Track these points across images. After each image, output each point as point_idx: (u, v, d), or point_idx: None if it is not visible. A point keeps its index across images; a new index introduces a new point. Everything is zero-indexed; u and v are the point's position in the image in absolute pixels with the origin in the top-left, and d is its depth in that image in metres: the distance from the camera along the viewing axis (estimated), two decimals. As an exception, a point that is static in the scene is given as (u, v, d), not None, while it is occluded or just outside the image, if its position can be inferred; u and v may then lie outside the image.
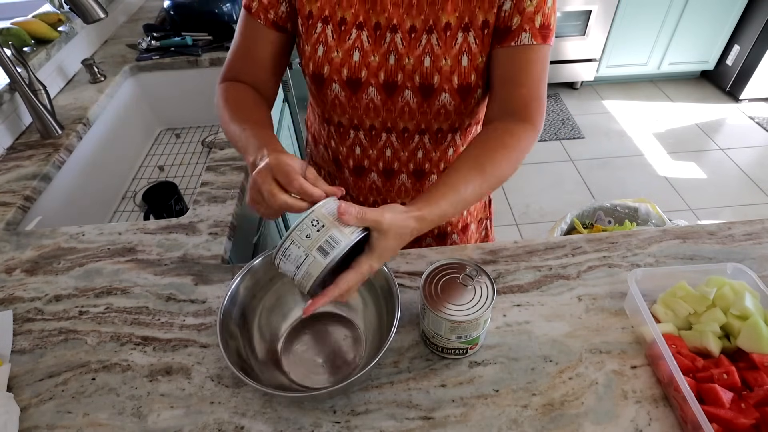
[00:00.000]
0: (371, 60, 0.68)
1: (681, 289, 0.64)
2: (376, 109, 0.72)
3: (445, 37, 0.65)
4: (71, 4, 0.98)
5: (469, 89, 0.68)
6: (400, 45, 0.67)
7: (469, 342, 0.61)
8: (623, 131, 2.85)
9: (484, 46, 0.66)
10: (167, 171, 1.39)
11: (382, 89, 0.70)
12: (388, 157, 0.79)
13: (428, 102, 0.70)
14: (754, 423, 0.51)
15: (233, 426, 0.57)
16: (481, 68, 0.67)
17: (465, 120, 0.75)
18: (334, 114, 0.76)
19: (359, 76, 0.69)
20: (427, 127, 0.74)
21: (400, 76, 0.68)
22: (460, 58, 0.66)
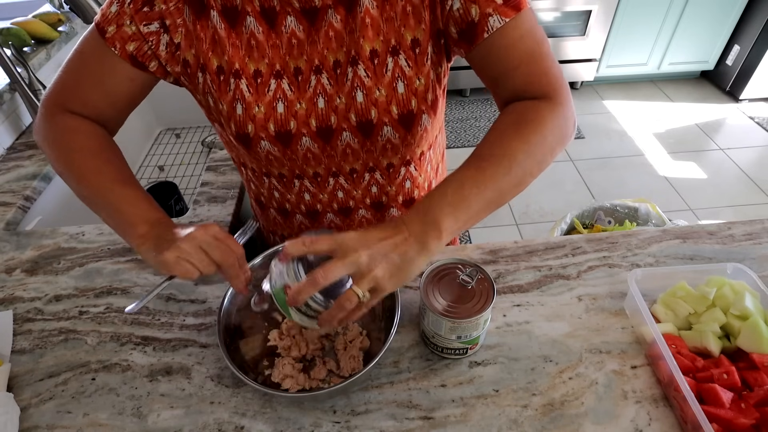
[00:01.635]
0: (297, 108, 0.61)
1: (681, 289, 0.64)
2: (316, 157, 0.66)
3: (373, 66, 0.58)
4: (71, 4, 0.98)
5: (411, 117, 0.62)
6: (327, 85, 0.60)
7: (469, 342, 0.61)
8: (623, 131, 2.85)
9: (419, 67, 0.59)
10: (167, 171, 1.39)
11: (317, 136, 0.63)
12: (341, 198, 0.73)
13: (370, 140, 0.64)
14: (754, 423, 0.51)
15: (233, 426, 0.57)
16: (421, 92, 0.60)
17: (416, 150, 0.69)
18: (272, 168, 0.68)
19: (288, 128, 0.62)
20: (375, 164, 0.69)
21: (334, 119, 0.62)
22: (395, 85, 0.59)
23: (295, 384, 0.61)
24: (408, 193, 0.76)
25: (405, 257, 0.49)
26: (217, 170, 0.99)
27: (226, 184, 0.95)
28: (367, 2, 0.56)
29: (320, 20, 0.57)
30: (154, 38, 0.58)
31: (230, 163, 1.01)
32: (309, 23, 0.58)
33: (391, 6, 0.57)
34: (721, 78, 3.12)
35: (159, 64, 0.61)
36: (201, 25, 0.57)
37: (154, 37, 0.58)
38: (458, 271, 0.62)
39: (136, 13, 0.57)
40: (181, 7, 0.57)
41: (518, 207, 2.34)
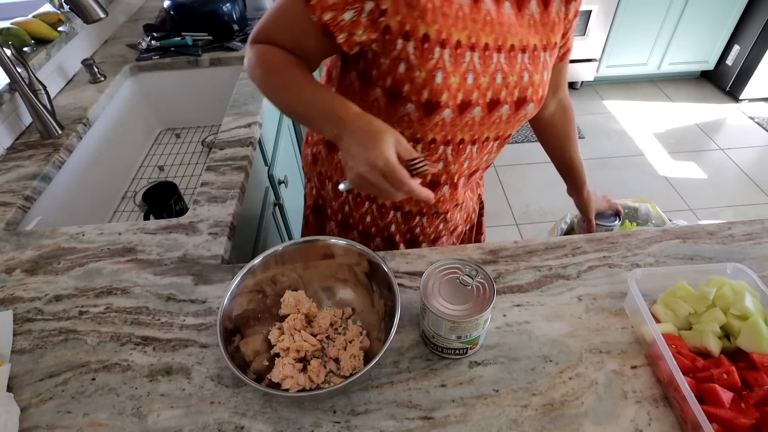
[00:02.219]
0: (482, 81, 0.68)
1: (681, 289, 0.64)
2: (473, 125, 0.73)
3: (533, 57, 0.71)
4: (71, 4, 0.98)
5: (543, 99, 0.76)
6: (504, 65, 0.68)
7: (469, 342, 0.61)
8: (623, 131, 2.85)
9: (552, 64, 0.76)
10: (167, 171, 1.39)
11: (486, 107, 0.71)
12: (464, 167, 0.81)
13: (517, 113, 0.74)
14: (754, 423, 0.51)
15: (233, 426, 0.57)
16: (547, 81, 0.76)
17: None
18: (429, 133, 0.72)
19: (470, 99, 0.68)
20: (502, 134, 0.79)
21: (504, 93, 0.70)
22: (543, 73, 0.73)
23: (295, 384, 0.61)
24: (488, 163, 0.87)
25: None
26: (217, 170, 0.99)
27: (226, 184, 0.95)
28: (533, 7, 0.69)
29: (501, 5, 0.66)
30: (358, 5, 0.60)
31: (230, 163, 1.01)
32: (497, 6, 0.65)
33: (548, 15, 0.71)
34: (721, 78, 3.12)
35: (349, 36, 0.63)
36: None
37: (359, 4, 0.60)
38: (458, 271, 0.62)
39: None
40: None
41: (518, 207, 2.34)
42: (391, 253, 0.78)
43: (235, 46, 1.49)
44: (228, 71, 1.49)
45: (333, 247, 0.70)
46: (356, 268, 0.70)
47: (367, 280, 0.69)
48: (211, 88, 1.52)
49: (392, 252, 0.79)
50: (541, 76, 0.73)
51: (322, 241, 0.70)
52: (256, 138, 1.11)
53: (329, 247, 0.70)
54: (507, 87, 0.71)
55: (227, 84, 1.46)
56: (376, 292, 0.68)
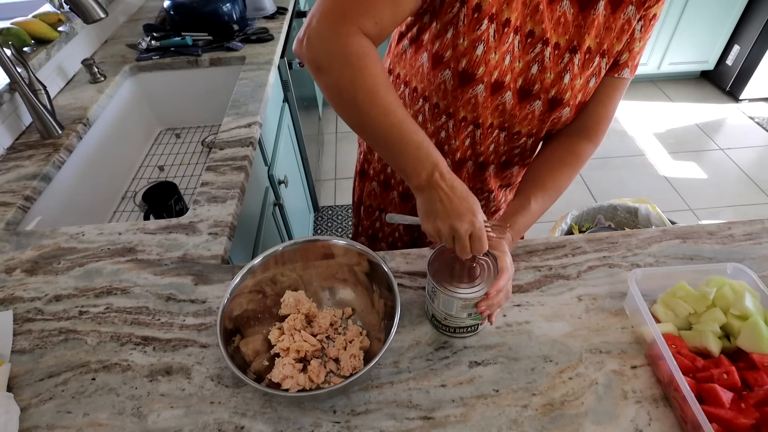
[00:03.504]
0: (516, 66, 0.68)
1: (681, 289, 0.64)
2: (504, 111, 0.73)
3: (584, 59, 0.68)
4: (71, 4, 0.98)
5: (582, 106, 0.74)
6: (547, 59, 0.68)
7: (479, 318, 0.63)
8: (623, 131, 2.85)
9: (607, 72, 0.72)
10: (167, 171, 1.39)
11: (517, 94, 0.71)
12: (490, 152, 0.81)
13: (550, 113, 0.73)
14: (754, 423, 0.51)
15: (233, 426, 0.57)
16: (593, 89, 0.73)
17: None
18: (461, 110, 0.73)
19: (504, 80, 0.68)
20: (537, 132, 0.77)
21: (537, 87, 0.70)
22: (590, 79, 0.71)
23: (295, 384, 0.61)
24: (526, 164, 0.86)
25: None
26: (217, 170, 0.99)
27: (226, 184, 0.95)
28: (600, 9, 0.65)
29: (558, 3, 0.65)
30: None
31: (230, 163, 1.01)
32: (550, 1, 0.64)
33: (615, 19, 0.67)
34: (721, 78, 3.12)
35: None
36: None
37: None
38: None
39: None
40: None
41: (518, 207, 2.34)
42: (391, 253, 0.78)
43: (235, 46, 1.49)
44: (228, 71, 1.49)
45: (333, 247, 0.70)
46: (356, 268, 0.70)
47: (367, 280, 0.69)
48: (211, 88, 1.52)
49: (392, 252, 0.79)
50: (586, 81, 0.70)
51: (322, 241, 0.70)
52: (256, 138, 1.11)
53: (329, 247, 0.70)
54: (542, 82, 0.69)
55: (227, 84, 1.46)
56: (376, 292, 0.68)
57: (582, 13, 0.65)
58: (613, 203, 1.67)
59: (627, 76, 0.72)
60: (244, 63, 1.43)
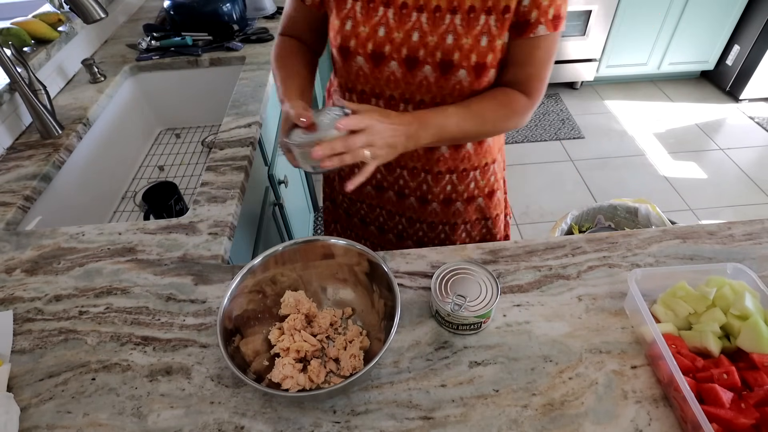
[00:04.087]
0: (395, 36, 0.73)
1: (681, 289, 0.64)
2: (397, 81, 0.76)
3: (468, 19, 0.70)
4: (71, 4, 0.98)
5: (484, 67, 0.73)
6: (425, 24, 0.71)
7: (483, 316, 0.63)
8: (623, 131, 2.85)
9: (503, 29, 0.71)
10: (167, 171, 1.39)
11: (404, 63, 0.74)
12: None
13: (445, 77, 0.74)
14: (754, 423, 0.51)
15: (233, 426, 0.57)
16: (498, 49, 0.72)
17: None
18: (357, 83, 0.80)
19: (382, 51, 0.74)
20: (441, 101, 0.78)
21: (422, 52, 0.72)
22: (480, 38, 0.71)
23: (295, 384, 0.61)
24: None
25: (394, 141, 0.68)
26: (217, 170, 0.99)
27: (226, 184, 0.95)
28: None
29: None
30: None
31: (230, 163, 1.01)
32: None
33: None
34: (721, 78, 3.12)
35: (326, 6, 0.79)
36: None
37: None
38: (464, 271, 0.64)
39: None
40: None
41: (518, 207, 2.34)
42: (391, 253, 0.79)
43: (235, 46, 1.49)
44: (228, 71, 1.49)
45: (333, 247, 0.70)
46: (356, 268, 0.70)
47: (367, 280, 0.69)
48: (211, 88, 1.52)
49: (392, 252, 0.79)
50: (475, 40, 0.70)
51: (322, 241, 0.70)
52: (256, 138, 1.11)
53: (329, 247, 0.70)
54: (425, 47, 0.72)
55: (227, 84, 1.46)
56: (376, 292, 0.68)
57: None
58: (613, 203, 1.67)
59: (544, 33, 0.70)
60: (244, 63, 1.43)
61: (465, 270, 0.68)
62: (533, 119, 2.95)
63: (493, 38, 0.71)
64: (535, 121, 2.93)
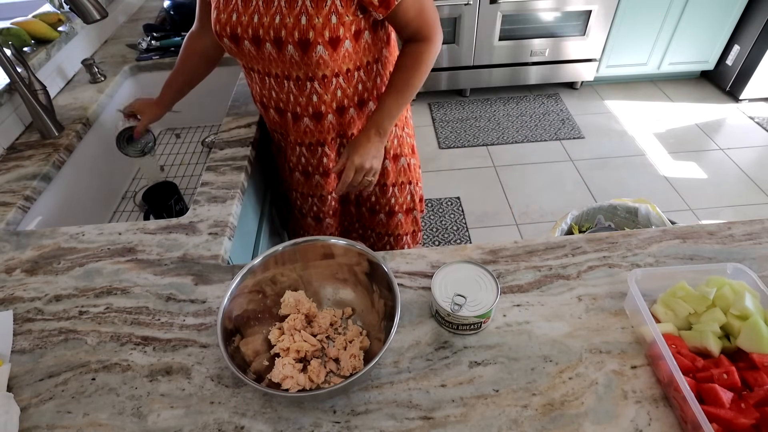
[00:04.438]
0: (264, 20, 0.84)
1: (681, 289, 0.64)
2: (273, 61, 0.89)
3: (317, 2, 0.81)
4: (71, 4, 0.98)
5: (338, 40, 0.85)
6: (284, 8, 0.82)
7: (483, 316, 0.63)
8: (623, 131, 2.85)
9: (348, 7, 0.82)
10: (167, 171, 1.39)
11: (274, 44, 0.86)
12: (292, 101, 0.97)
13: (307, 55, 0.85)
14: (754, 423, 0.51)
15: (233, 426, 0.57)
16: (348, 24, 0.84)
17: (342, 66, 0.91)
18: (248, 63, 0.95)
19: (258, 35, 0.86)
20: (313, 75, 0.90)
21: (284, 33, 0.83)
22: (329, 17, 0.82)
23: (295, 384, 0.61)
24: (340, 102, 0.97)
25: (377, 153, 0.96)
26: (217, 170, 0.99)
27: (226, 184, 0.95)
28: None
29: None
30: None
31: (230, 163, 1.01)
32: None
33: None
34: (721, 78, 3.12)
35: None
36: None
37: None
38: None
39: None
40: None
41: (518, 207, 2.34)
42: (391, 253, 0.79)
43: (235, 46, 1.49)
44: (228, 71, 1.48)
45: (333, 247, 0.70)
46: (356, 268, 0.70)
47: (367, 280, 0.69)
48: (211, 88, 1.52)
49: (392, 252, 0.79)
50: (326, 18, 0.81)
51: (322, 241, 0.70)
52: (256, 138, 1.11)
53: (329, 247, 0.70)
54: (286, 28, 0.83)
55: (227, 84, 1.46)
56: (376, 292, 0.68)
57: None
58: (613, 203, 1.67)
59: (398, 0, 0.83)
60: (244, 63, 1.43)
61: (465, 270, 0.67)
62: (533, 119, 2.95)
63: (341, 16, 0.82)
64: (535, 121, 2.93)
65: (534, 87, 3.21)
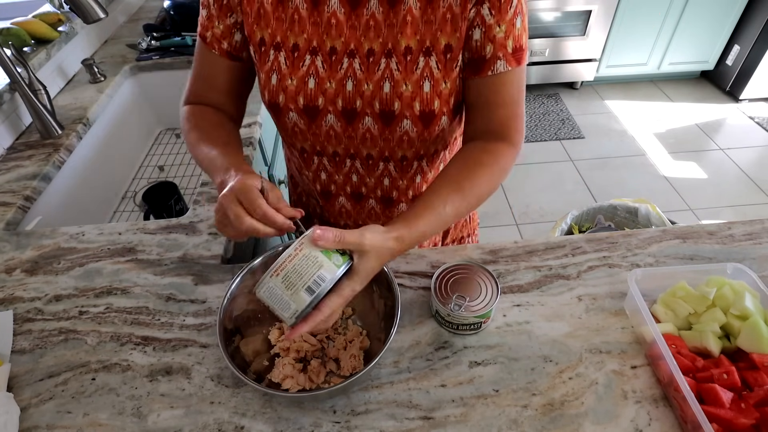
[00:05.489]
0: (327, 86, 0.65)
1: (681, 289, 0.64)
2: (337, 136, 0.70)
3: (405, 62, 0.62)
4: (71, 4, 0.98)
5: (432, 116, 0.65)
6: (358, 70, 0.64)
7: (483, 316, 0.63)
8: (623, 131, 2.85)
9: (447, 71, 0.63)
10: (167, 171, 1.39)
11: (341, 116, 0.67)
12: (355, 182, 0.77)
13: (389, 129, 0.67)
14: (754, 423, 0.51)
15: (233, 426, 0.57)
16: (445, 94, 0.64)
17: (431, 147, 0.72)
18: (296, 140, 0.73)
19: (316, 104, 0.66)
20: (390, 154, 0.72)
21: (359, 103, 0.66)
22: (421, 83, 0.63)
23: (295, 384, 0.61)
24: (418, 189, 0.79)
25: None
26: (217, 170, 0.99)
27: (226, 184, 0.95)
28: (412, 2, 0.60)
29: (362, 7, 0.61)
30: (238, 26, 0.68)
31: (230, 163, 1.01)
32: (351, 8, 0.62)
33: (433, 10, 0.60)
34: (721, 78, 3.12)
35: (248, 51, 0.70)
36: (248, 1, 0.65)
37: (232, 20, 0.67)
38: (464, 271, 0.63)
39: (220, 9, 0.67)
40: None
41: (518, 207, 2.34)
42: (391, 253, 0.78)
43: (235, 46, 1.49)
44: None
45: (333, 247, 0.70)
46: (356, 268, 0.70)
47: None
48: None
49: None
50: (417, 86, 0.63)
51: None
52: (256, 138, 1.11)
53: (329, 247, 0.70)
54: (362, 96, 0.65)
55: (227, 84, 1.46)
56: (376, 292, 0.68)
57: (393, 9, 0.61)
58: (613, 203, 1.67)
59: (504, 69, 0.62)
60: (244, 63, 1.43)
61: (465, 270, 0.67)
62: (534, 119, 2.95)
63: (436, 83, 0.63)
64: (535, 121, 2.93)
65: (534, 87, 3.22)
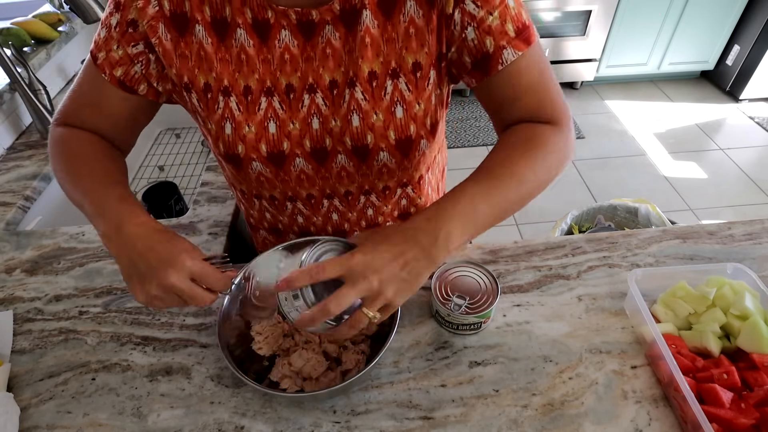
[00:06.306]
0: (291, 128, 0.58)
1: (681, 289, 0.64)
2: (310, 179, 0.64)
3: (371, 89, 0.56)
4: (71, 4, 0.98)
5: (409, 142, 0.59)
6: (322, 105, 0.57)
7: (483, 316, 0.63)
8: (623, 131, 2.85)
9: (419, 92, 0.57)
10: (167, 171, 1.39)
11: (311, 158, 0.61)
12: (336, 221, 0.72)
13: (366, 164, 0.61)
14: (754, 423, 0.51)
15: (233, 426, 0.57)
16: (420, 116, 0.58)
17: (414, 174, 0.67)
18: (263, 190, 0.67)
19: (281, 149, 0.59)
20: (371, 187, 0.67)
21: (329, 141, 0.59)
22: (393, 109, 0.57)
23: (294, 384, 0.61)
24: (404, 209, 0.74)
25: (413, 273, 0.49)
26: (217, 170, 0.99)
27: (226, 184, 0.95)
28: (368, 21, 0.53)
29: (317, 36, 0.54)
30: (143, 58, 0.57)
31: (230, 163, 1.01)
32: (305, 38, 0.55)
33: (393, 26, 0.54)
34: (721, 78, 3.12)
35: (149, 86, 0.60)
36: (185, 42, 0.55)
37: (143, 57, 0.57)
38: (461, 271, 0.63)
39: (123, 36, 0.56)
40: (155, 25, 0.54)
41: (518, 207, 2.34)
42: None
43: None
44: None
45: (333, 247, 0.70)
46: (356, 268, 0.70)
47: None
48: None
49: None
50: (387, 113, 0.57)
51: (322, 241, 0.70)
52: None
53: (329, 247, 0.70)
54: (330, 134, 0.59)
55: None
56: (376, 292, 0.68)
57: (350, 33, 0.54)
58: (613, 203, 1.67)
59: (514, 57, 0.55)
60: (244, 63, 1.43)
61: (465, 270, 0.67)
62: (533, 119, 2.95)
63: (409, 106, 0.57)
64: (535, 121, 2.93)
65: (534, 87, 3.21)
